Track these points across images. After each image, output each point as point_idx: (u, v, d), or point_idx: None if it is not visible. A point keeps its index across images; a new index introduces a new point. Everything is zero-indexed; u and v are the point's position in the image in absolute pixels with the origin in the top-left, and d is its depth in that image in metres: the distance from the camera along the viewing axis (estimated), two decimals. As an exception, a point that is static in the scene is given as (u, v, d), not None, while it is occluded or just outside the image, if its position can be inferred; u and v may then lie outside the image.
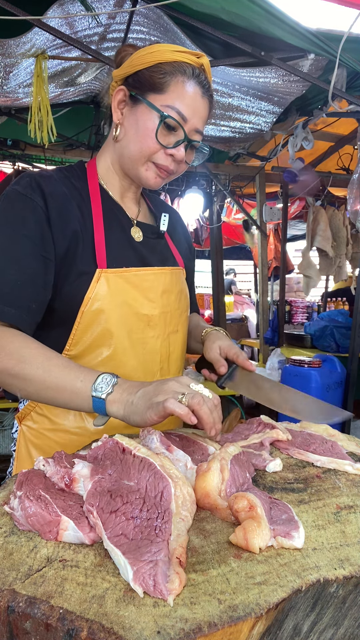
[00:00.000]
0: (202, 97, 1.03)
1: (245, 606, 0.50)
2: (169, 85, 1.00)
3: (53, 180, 1.03)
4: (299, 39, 2.22)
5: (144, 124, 1.01)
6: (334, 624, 0.62)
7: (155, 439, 0.81)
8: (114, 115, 1.06)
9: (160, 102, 1.00)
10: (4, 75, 2.60)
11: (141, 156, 1.04)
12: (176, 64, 1.00)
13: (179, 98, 1.00)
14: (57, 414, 1.08)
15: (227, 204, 5.36)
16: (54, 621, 0.48)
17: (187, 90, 1.00)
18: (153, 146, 1.02)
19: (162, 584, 0.51)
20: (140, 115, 1.02)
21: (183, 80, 1.00)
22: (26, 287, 0.95)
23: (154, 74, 1.00)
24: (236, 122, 3.31)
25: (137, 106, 1.03)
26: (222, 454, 0.74)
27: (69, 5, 2.15)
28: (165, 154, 1.03)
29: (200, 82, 1.02)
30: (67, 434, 1.08)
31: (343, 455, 0.87)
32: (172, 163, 1.05)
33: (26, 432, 1.12)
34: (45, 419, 1.09)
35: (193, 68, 1.01)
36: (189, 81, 1.00)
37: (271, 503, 0.68)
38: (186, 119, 1.01)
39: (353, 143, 4.02)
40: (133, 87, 1.03)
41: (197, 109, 1.03)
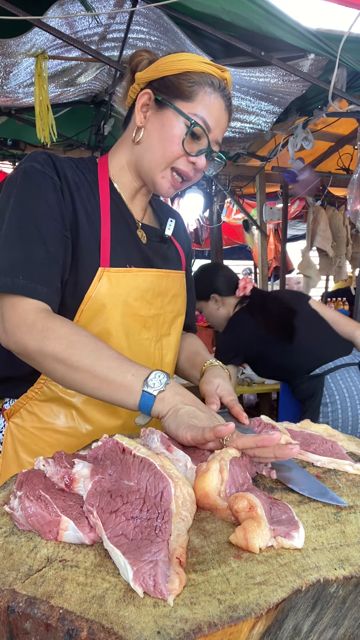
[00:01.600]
0: (225, 110, 1.05)
1: (245, 606, 0.50)
2: (197, 94, 1.01)
3: (66, 164, 1.03)
4: (299, 39, 2.22)
5: (170, 130, 1.02)
6: (334, 624, 0.62)
7: (156, 438, 0.81)
8: (137, 118, 1.06)
9: (187, 109, 1.01)
10: (4, 75, 2.61)
11: (163, 161, 1.04)
12: (204, 75, 1.02)
13: (206, 108, 1.02)
14: (48, 413, 1.06)
15: (227, 204, 5.36)
16: (54, 621, 0.48)
17: (213, 101, 1.02)
18: (177, 152, 1.03)
19: (162, 584, 0.51)
20: (166, 120, 1.03)
21: (210, 91, 1.02)
22: (53, 267, 0.95)
23: (183, 82, 1.01)
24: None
25: (162, 111, 1.03)
26: (221, 454, 0.74)
27: (69, 5, 2.15)
28: (187, 161, 1.04)
29: (224, 96, 1.04)
30: (57, 434, 1.06)
31: (343, 456, 0.87)
32: (192, 170, 1.06)
33: (14, 429, 1.09)
34: (34, 417, 1.07)
35: (219, 81, 1.03)
36: (214, 93, 1.02)
37: (271, 503, 0.68)
38: (210, 129, 1.03)
39: (353, 143, 4.02)
40: (159, 92, 1.04)
41: (220, 121, 1.05)
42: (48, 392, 1.05)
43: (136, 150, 1.09)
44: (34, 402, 1.07)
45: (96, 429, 1.07)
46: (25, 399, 1.07)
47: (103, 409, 1.07)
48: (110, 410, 1.08)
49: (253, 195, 4.97)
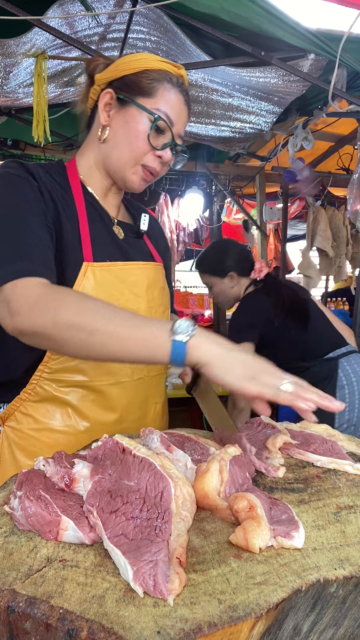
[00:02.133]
0: (184, 105, 1.09)
1: (245, 606, 0.50)
2: (157, 90, 1.05)
3: (37, 169, 1.06)
4: (299, 39, 2.22)
5: (135, 126, 1.05)
6: (334, 624, 0.62)
7: (156, 438, 0.81)
8: (102, 117, 1.09)
9: (149, 105, 1.05)
10: (4, 75, 2.60)
11: (131, 158, 1.07)
12: (162, 72, 1.06)
13: (167, 103, 1.06)
14: (43, 413, 1.06)
15: (227, 204, 5.35)
16: (54, 621, 0.48)
17: (173, 96, 1.07)
18: (144, 147, 1.06)
19: (162, 584, 0.51)
20: (130, 118, 1.06)
21: (170, 87, 1.06)
22: (47, 251, 0.96)
23: (142, 79, 1.05)
24: (236, 122, 3.31)
25: (125, 108, 1.07)
26: (221, 455, 0.74)
27: (69, 5, 2.15)
28: (154, 156, 1.08)
29: (182, 91, 1.08)
30: (54, 433, 1.06)
31: (343, 455, 0.87)
32: (159, 165, 1.09)
33: (10, 433, 1.08)
34: (30, 419, 1.06)
35: (177, 78, 1.08)
36: (173, 88, 1.07)
37: (271, 503, 0.68)
38: (173, 123, 1.07)
39: (353, 143, 4.01)
40: (120, 91, 1.07)
41: (181, 115, 1.09)
42: (42, 392, 1.05)
43: (103, 149, 1.12)
44: (28, 404, 1.06)
45: (93, 425, 1.07)
46: (19, 401, 1.06)
47: (98, 404, 1.07)
48: (105, 404, 1.08)
49: (253, 195, 4.97)
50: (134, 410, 1.13)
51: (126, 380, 1.10)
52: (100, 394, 1.07)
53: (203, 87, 2.79)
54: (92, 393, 1.06)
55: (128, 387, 1.11)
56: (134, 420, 1.13)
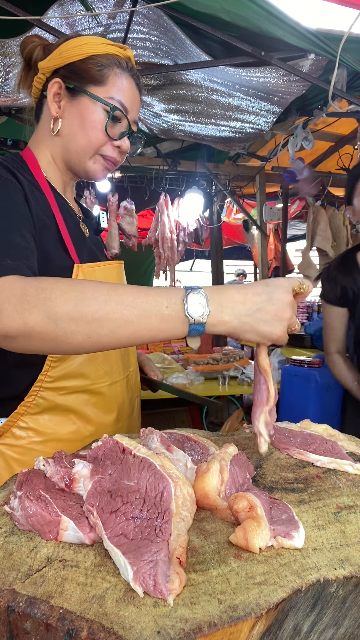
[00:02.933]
0: (136, 89, 1.05)
1: (245, 606, 0.50)
2: (108, 77, 1.01)
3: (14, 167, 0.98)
4: (299, 39, 2.22)
5: (90, 117, 1.01)
6: (334, 624, 0.62)
7: (156, 438, 0.81)
8: (52, 109, 1.03)
9: (102, 94, 1.01)
10: (4, 75, 2.60)
11: (89, 149, 1.04)
12: (110, 56, 1.01)
13: (120, 90, 1.01)
14: (45, 424, 1.01)
15: (227, 204, 5.35)
16: (54, 621, 0.48)
17: (124, 82, 1.02)
18: (102, 138, 1.03)
19: (162, 584, 0.51)
20: (83, 108, 1.01)
21: (120, 72, 1.02)
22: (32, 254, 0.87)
23: (91, 66, 1.00)
24: (236, 122, 3.31)
25: (77, 98, 1.01)
26: (221, 455, 0.74)
27: (69, 5, 2.15)
28: (112, 146, 1.05)
29: (133, 75, 1.04)
30: (60, 442, 1.02)
31: (343, 455, 0.87)
32: (118, 154, 1.07)
33: (6, 451, 1.01)
34: (31, 432, 1.01)
35: (126, 61, 1.03)
36: (124, 73, 1.02)
37: (271, 503, 0.68)
38: (127, 110, 1.03)
39: (353, 143, 4.02)
40: (69, 80, 1.01)
41: (134, 100, 1.05)
42: (43, 403, 1.00)
43: (58, 142, 1.06)
44: (27, 417, 1.00)
45: (97, 428, 1.06)
46: (16, 416, 1.00)
47: (99, 406, 1.06)
48: (105, 406, 1.08)
49: (253, 195, 4.97)
50: (126, 408, 1.15)
51: (120, 379, 1.11)
52: (100, 396, 1.06)
53: (203, 87, 2.79)
54: (93, 396, 1.05)
55: (122, 385, 1.12)
56: (126, 417, 1.15)
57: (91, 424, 1.06)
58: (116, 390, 1.10)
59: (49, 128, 1.05)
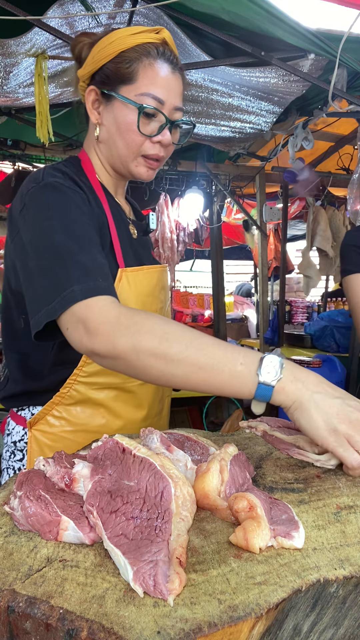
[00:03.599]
0: (172, 74, 1.00)
1: (245, 606, 0.50)
2: (138, 72, 0.97)
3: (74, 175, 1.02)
4: (299, 39, 2.22)
5: (124, 120, 1.00)
6: (334, 624, 0.62)
7: (156, 438, 0.81)
8: (92, 117, 1.05)
9: (133, 92, 0.98)
10: (4, 75, 2.61)
11: (130, 152, 1.03)
12: (138, 48, 0.97)
13: (151, 83, 0.98)
14: (77, 415, 1.06)
15: (227, 204, 5.35)
16: (54, 621, 0.48)
17: (156, 71, 0.98)
18: (138, 139, 1.01)
19: (162, 584, 0.51)
20: (117, 112, 1.00)
21: (150, 62, 0.97)
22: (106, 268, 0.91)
23: (120, 65, 0.98)
24: (236, 122, 3.31)
25: (111, 102, 1.01)
26: (221, 455, 0.74)
27: (69, 5, 2.15)
28: (151, 143, 1.03)
29: (167, 59, 0.99)
30: (89, 434, 1.07)
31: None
32: (161, 149, 1.04)
33: (40, 437, 1.08)
34: (64, 421, 1.06)
35: (156, 46, 0.98)
36: (155, 62, 0.98)
37: (271, 503, 0.68)
38: (163, 101, 0.99)
39: (353, 143, 4.02)
40: (102, 84, 1.01)
41: (171, 87, 1.00)
42: (76, 395, 1.05)
43: (102, 148, 1.08)
44: (61, 407, 1.06)
45: (126, 423, 1.09)
46: (52, 405, 1.05)
47: (129, 403, 1.10)
48: (135, 403, 1.10)
49: (253, 195, 4.97)
50: (156, 406, 1.17)
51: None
52: (130, 394, 1.09)
53: (203, 87, 2.79)
54: (124, 393, 1.08)
55: (153, 385, 1.13)
56: (155, 415, 1.17)
57: (120, 419, 1.09)
58: (147, 390, 1.12)
59: (94, 133, 1.08)
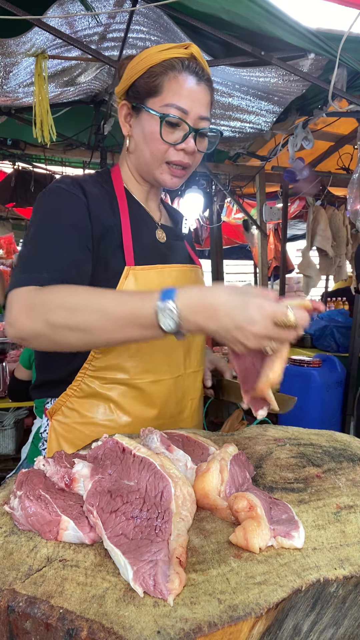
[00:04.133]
0: (197, 85, 1.06)
1: (245, 606, 0.50)
2: (163, 85, 1.04)
3: (89, 182, 1.10)
4: (299, 38, 2.22)
5: (149, 129, 1.06)
6: (334, 624, 0.62)
7: (156, 438, 0.81)
8: (123, 130, 1.13)
9: (158, 104, 1.04)
10: (4, 75, 2.60)
11: (154, 160, 1.09)
12: (165, 63, 1.04)
13: (176, 94, 1.04)
14: (88, 408, 1.11)
15: (227, 204, 5.35)
16: (54, 621, 0.48)
17: (180, 83, 1.04)
18: (161, 147, 1.06)
19: (162, 583, 0.51)
20: (144, 123, 1.07)
21: (175, 75, 1.03)
22: (74, 270, 0.99)
23: (148, 80, 1.05)
24: (236, 121, 3.31)
25: (140, 115, 1.08)
26: (221, 454, 0.74)
27: (69, 5, 2.15)
28: (176, 150, 1.07)
29: (192, 71, 1.05)
30: (97, 427, 1.11)
31: None
32: (185, 157, 1.09)
33: (57, 427, 1.15)
34: (75, 413, 1.12)
35: (182, 60, 1.04)
36: (180, 75, 1.04)
37: (271, 503, 0.68)
38: (187, 111, 1.04)
39: (353, 143, 4.01)
40: (133, 99, 1.09)
41: (196, 97, 1.05)
42: (86, 389, 1.10)
43: (132, 158, 1.16)
44: (73, 399, 1.12)
45: (134, 420, 1.11)
46: (66, 397, 1.12)
47: (138, 400, 1.11)
48: (145, 401, 1.12)
49: (253, 195, 4.97)
50: (172, 407, 1.17)
51: (165, 378, 1.14)
52: (140, 391, 1.11)
53: (203, 86, 2.79)
54: (132, 390, 1.11)
55: (167, 385, 1.14)
56: (172, 416, 1.18)
57: (128, 415, 1.11)
58: (160, 388, 1.13)
59: (125, 146, 1.16)
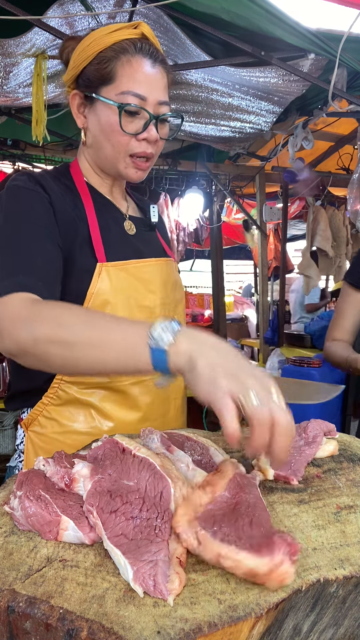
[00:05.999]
0: (153, 67, 0.98)
1: (245, 606, 0.50)
2: (116, 71, 0.96)
3: (47, 178, 1.03)
4: (299, 38, 2.22)
5: (107, 120, 0.99)
6: (334, 624, 0.62)
7: (156, 439, 0.81)
8: (78, 121, 1.05)
9: (113, 92, 0.97)
10: (4, 75, 2.60)
11: (116, 153, 1.02)
12: (115, 47, 0.96)
13: (131, 80, 0.96)
14: (67, 416, 1.05)
15: (227, 204, 5.35)
16: (54, 621, 0.48)
17: (135, 68, 0.96)
18: (122, 139, 1.00)
19: (162, 583, 0.51)
20: (100, 114, 1.00)
21: (128, 59, 0.96)
22: (49, 267, 0.93)
23: (99, 66, 0.97)
24: (236, 122, 3.31)
25: (94, 105, 1.01)
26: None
27: (69, 5, 2.15)
28: (138, 141, 1.00)
29: (146, 53, 0.97)
30: (79, 435, 1.05)
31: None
32: (147, 147, 1.02)
33: (34, 438, 1.08)
34: (54, 423, 1.06)
35: (133, 42, 0.97)
36: (133, 58, 0.96)
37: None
38: (145, 97, 0.97)
39: (353, 143, 4.01)
40: (85, 87, 1.00)
41: (153, 81, 0.98)
42: (64, 396, 1.04)
43: (91, 152, 1.08)
44: (51, 408, 1.06)
45: (117, 425, 1.06)
46: (42, 406, 1.06)
47: (121, 404, 1.07)
48: (128, 404, 1.07)
49: (253, 195, 4.97)
50: (156, 408, 1.13)
51: (146, 379, 1.08)
52: (121, 394, 1.06)
53: (203, 87, 2.79)
54: (113, 393, 1.06)
55: (149, 386, 1.09)
56: (156, 418, 1.12)
57: (110, 420, 1.06)
58: (141, 390, 1.09)
59: (82, 139, 1.08)
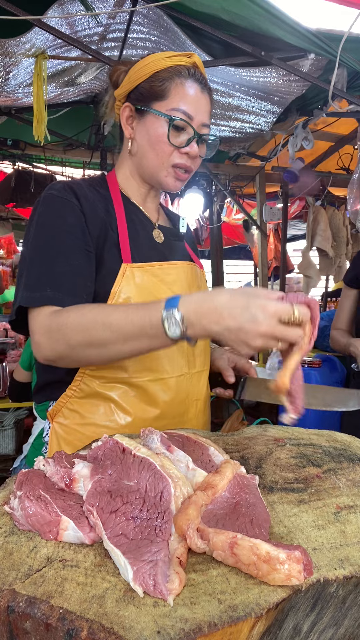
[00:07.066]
0: (201, 93, 1.11)
1: (245, 606, 0.50)
2: (170, 90, 1.08)
3: (82, 186, 1.11)
4: (299, 38, 2.22)
5: (155, 132, 1.09)
6: (334, 624, 0.62)
7: (156, 439, 0.81)
8: (125, 132, 1.14)
9: (165, 107, 1.08)
10: (4, 75, 2.61)
11: (160, 162, 1.11)
12: (171, 69, 1.08)
13: (182, 99, 1.08)
14: (88, 409, 1.10)
15: (227, 204, 5.35)
16: (54, 621, 0.48)
17: (186, 90, 1.08)
18: (167, 149, 1.09)
19: (162, 584, 0.51)
20: (149, 125, 1.10)
21: (181, 82, 1.08)
22: (76, 278, 1.02)
23: (154, 84, 1.08)
24: (236, 122, 3.31)
25: (144, 118, 1.11)
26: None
27: (69, 5, 2.15)
28: (180, 154, 1.11)
29: (197, 79, 1.10)
30: (98, 428, 1.10)
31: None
32: (188, 160, 1.12)
33: (58, 429, 1.14)
34: (76, 414, 1.12)
35: (187, 68, 1.09)
36: (186, 81, 1.08)
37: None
38: (192, 116, 1.08)
39: (353, 143, 4.01)
40: (137, 101, 1.11)
41: (200, 104, 1.10)
42: (86, 389, 1.10)
43: (134, 161, 1.17)
44: (74, 400, 1.11)
45: (135, 420, 1.10)
46: (66, 398, 1.12)
47: (140, 400, 1.11)
48: (147, 401, 1.11)
49: (253, 195, 4.97)
50: (175, 407, 1.16)
51: (166, 377, 1.12)
52: (141, 390, 1.10)
53: (203, 87, 2.79)
54: (133, 389, 1.10)
55: (169, 384, 1.13)
56: (175, 417, 1.16)
57: (129, 415, 1.10)
58: (161, 387, 1.12)
59: (127, 148, 1.17)
